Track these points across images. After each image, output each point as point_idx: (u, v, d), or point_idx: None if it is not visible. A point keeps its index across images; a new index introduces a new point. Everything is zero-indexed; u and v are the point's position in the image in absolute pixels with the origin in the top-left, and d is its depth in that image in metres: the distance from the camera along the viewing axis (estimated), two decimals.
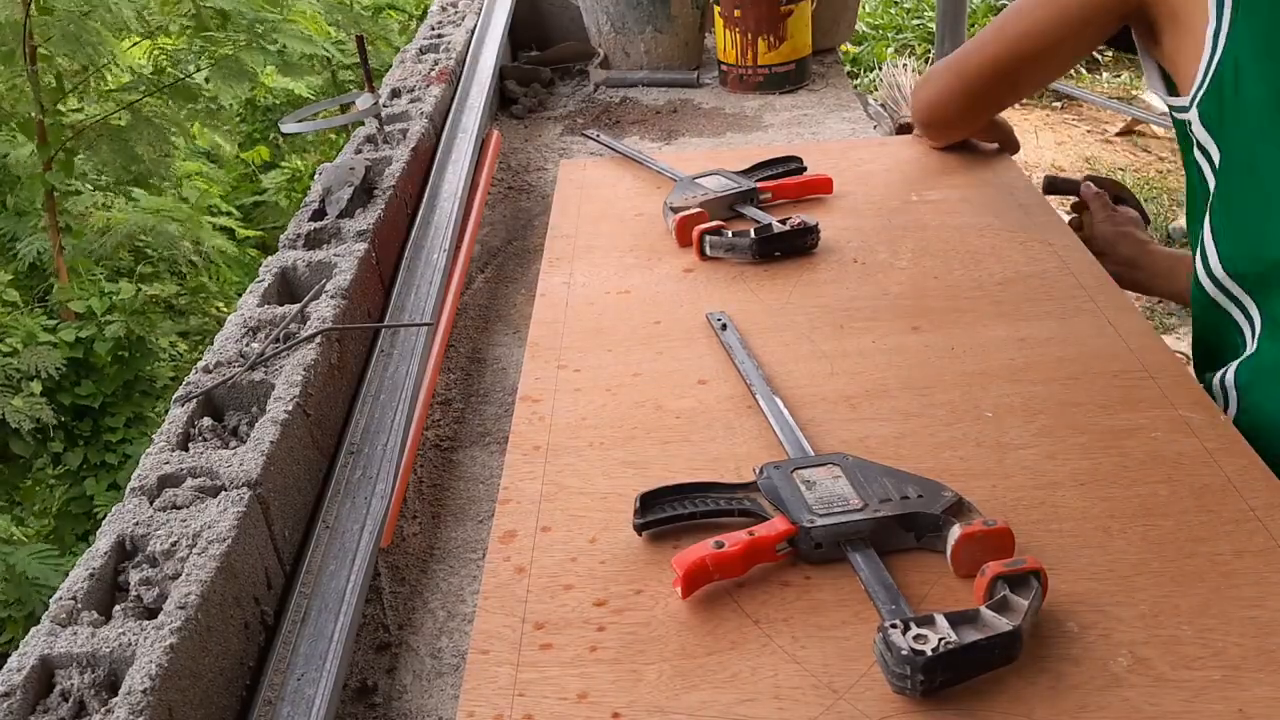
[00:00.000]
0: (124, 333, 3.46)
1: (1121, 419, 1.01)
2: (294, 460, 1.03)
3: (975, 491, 0.92)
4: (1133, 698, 0.74)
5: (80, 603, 0.83)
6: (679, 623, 0.83)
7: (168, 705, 0.76)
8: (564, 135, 2.15)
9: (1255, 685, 0.75)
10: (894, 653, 0.74)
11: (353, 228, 1.37)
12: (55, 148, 3.55)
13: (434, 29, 2.28)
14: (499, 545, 0.92)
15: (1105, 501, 0.92)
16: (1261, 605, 0.81)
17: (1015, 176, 1.51)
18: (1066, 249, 1.31)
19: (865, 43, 5.93)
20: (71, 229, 3.69)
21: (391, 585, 1.07)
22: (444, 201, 1.59)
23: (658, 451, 1.02)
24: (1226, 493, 0.91)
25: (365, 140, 1.68)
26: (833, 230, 1.38)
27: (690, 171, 1.52)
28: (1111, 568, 0.85)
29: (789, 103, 2.19)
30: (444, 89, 1.90)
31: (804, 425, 1.02)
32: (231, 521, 0.89)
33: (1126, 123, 5.12)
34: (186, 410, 1.05)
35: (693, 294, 1.28)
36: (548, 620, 0.84)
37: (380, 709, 0.94)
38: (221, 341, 1.17)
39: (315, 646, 0.90)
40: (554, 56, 2.50)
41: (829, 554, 0.87)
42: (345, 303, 1.22)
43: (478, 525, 1.14)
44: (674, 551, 0.86)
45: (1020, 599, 0.78)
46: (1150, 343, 1.12)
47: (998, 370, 1.09)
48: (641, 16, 2.30)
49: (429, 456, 1.24)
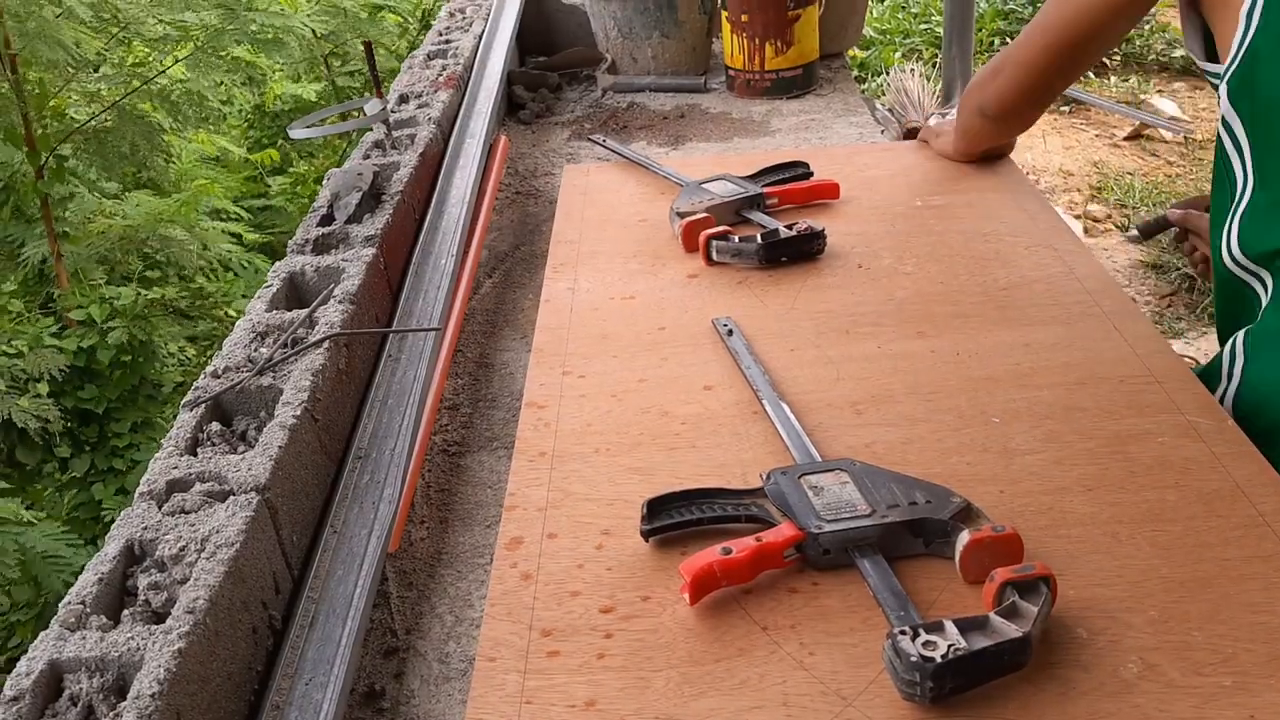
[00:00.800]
0: (125, 338, 3.46)
1: (1128, 424, 1.01)
2: (302, 465, 1.03)
3: (983, 497, 0.92)
4: (1143, 704, 0.74)
5: (89, 607, 0.84)
6: (687, 629, 0.83)
7: (176, 710, 0.76)
8: (571, 140, 2.16)
9: (1266, 691, 0.74)
10: (903, 659, 0.74)
11: (361, 233, 1.38)
12: (45, 155, 3.56)
13: (442, 34, 2.28)
14: (505, 552, 0.92)
15: (1113, 507, 0.91)
16: (1271, 610, 0.80)
17: (1020, 181, 1.51)
18: (1072, 254, 1.30)
19: (873, 48, 5.93)
20: (69, 235, 3.69)
21: (399, 590, 1.07)
22: (452, 207, 1.60)
23: (664, 457, 1.02)
24: (1235, 498, 0.91)
25: (373, 145, 1.68)
26: (838, 236, 1.38)
27: (696, 176, 1.53)
28: (1120, 573, 0.85)
29: (796, 108, 2.19)
30: (452, 94, 1.91)
31: (811, 431, 1.02)
32: (240, 526, 0.89)
33: (1135, 127, 5.11)
34: (195, 415, 1.06)
35: (698, 299, 1.28)
36: (555, 627, 0.84)
37: (388, 714, 0.94)
38: (230, 347, 1.17)
39: (323, 651, 0.90)
40: (561, 62, 2.51)
41: (837, 560, 0.87)
42: (353, 308, 1.22)
43: (485, 530, 1.14)
44: (681, 558, 0.86)
45: (1029, 605, 0.78)
46: (1157, 348, 1.12)
47: (1004, 375, 1.09)
48: (649, 22, 2.31)
49: (437, 461, 1.25)
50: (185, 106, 3.86)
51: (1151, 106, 5.38)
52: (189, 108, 3.88)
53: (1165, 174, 4.79)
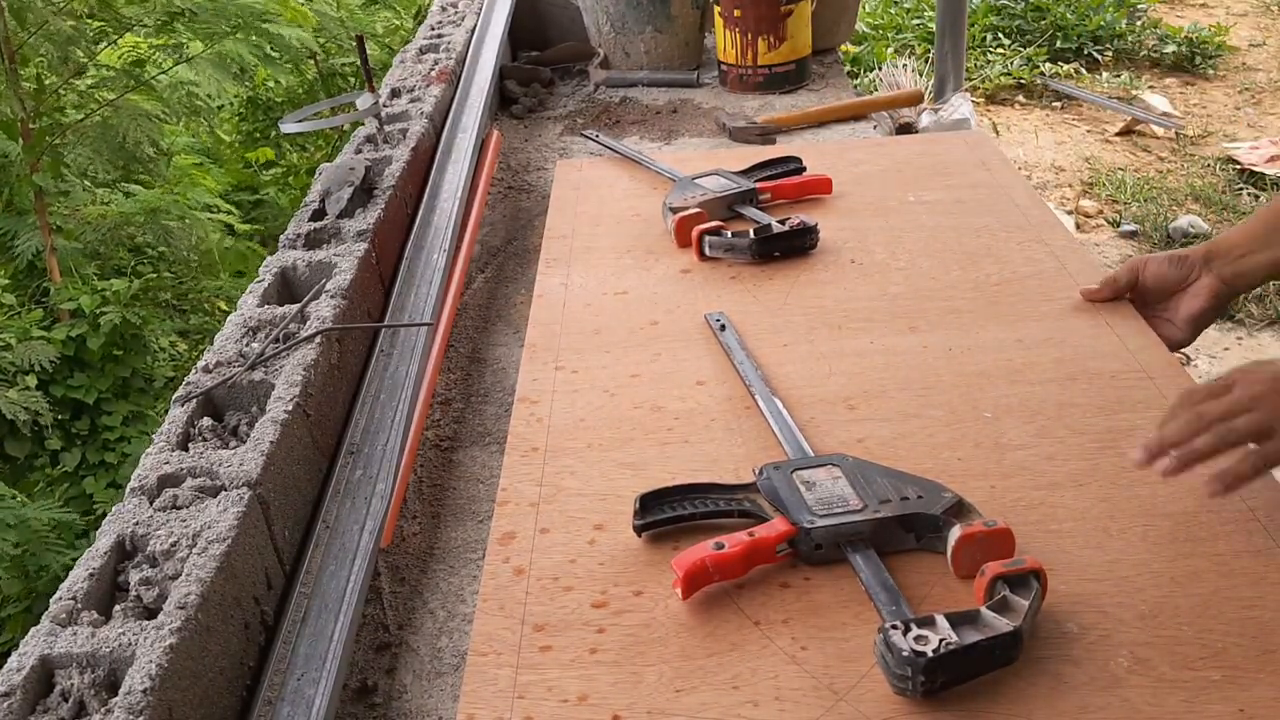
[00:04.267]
0: (118, 321, 3.44)
1: (1120, 419, 1.01)
2: (294, 460, 1.03)
3: (974, 492, 0.92)
4: (1133, 698, 0.74)
5: (80, 602, 0.83)
6: (679, 624, 0.83)
7: (168, 705, 0.76)
8: (564, 135, 2.15)
9: (1255, 685, 0.75)
10: (895, 654, 0.74)
11: (353, 228, 1.37)
12: (40, 148, 3.54)
13: (434, 29, 2.28)
14: (498, 547, 0.92)
15: (1104, 502, 0.92)
16: (1261, 605, 0.81)
17: (1012, 177, 1.51)
18: (1064, 249, 1.31)
19: (865, 43, 5.92)
20: (62, 229, 3.68)
21: (391, 585, 1.07)
22: (444, 201, 1.59)
23: (656, 453, 1.02)
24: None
25: (365, 140, 1.68)
26: (831, 231, 1.38)
27: (689, 172, 1.52)
28: (1111, 568, 0.85)
29: (789, 103, 2.18)
30: (444, 89, 1.90)
31: (803, 426, 1.02)
32: (231, 521, 0.89)
33: (1126, 122, 5.12)
34: (186, 410, 1.05)
35: (690, 295, 1.28)
36: (547, 622, 0.84)
37: (380, 709, 0.94)
38: (221, 341, 1.17)
39: (315, 646, 0.90)
40: (554, 56, 2.50)
41: (829, 555, 0.87)
42: (345, 303, 1.22)
43: (478, 525, 1.14)
44: (674, 553, 0.86)
45: (1020, 599, 0.78)
46: (1147, 343, 1.12)
47: (996, 371, 1.10)
48: (641, 16, 2.30)
49: (429, 456, 1.24)
50: (175, 102, 3.85)
51: (1143, 102, 5.39)
52: (179, 104, 3.87)
53: (1156, 169, 4.80)
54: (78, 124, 3.64)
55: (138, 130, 3.57)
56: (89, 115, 3.64)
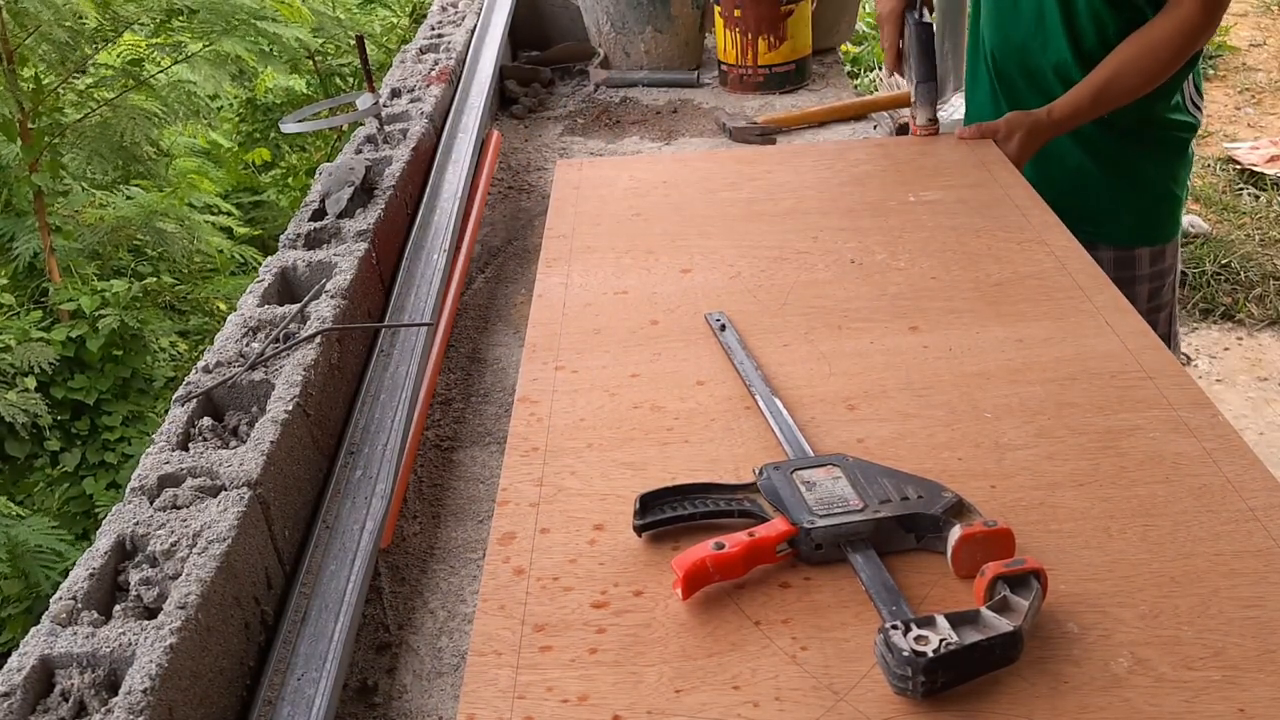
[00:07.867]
0: (117, 325, 3.44)
1: (1120, 419, 1.01)
2: (294, 460, 1.03)
3: (974, 492, 0.92)
4: (1133, 699, 0.74)
5: (80, 602, 0.83)
6: (679, 624, 0.83)
7: (168, 705, 0.76)
8: (564, 135, 2.15)
9: (1255, 685, 0.75)
10: (895, 654, 0.74)
11: (353, 228, 1.37)
12: (39, 149, 3.54)
13: (434, 29, 2.28)
14: (498, 547, 0.92)
15: (1104, 502, 0.92)
16: (1261, 605, 0.81)
17: (1012, 177, 1.51)
18: (1064, 249, 1.31)
19: (865, 43, 5.92)
20: (61, 229, 3.68)
21: (391, 585, 1.07)
22: (444, 201, 1.59)
23: (656, 453, 1.02)
24: (1225, 493, 0.91)
25: (365, 140, 1.68)
26: (830, 231, 1.38)
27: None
28: (1111, 568, 0.85)
29: (789, 103, 2.19)
30: (444, 89, 1.90)
31: (803, 426, 1.02)
32: (231, 521, 0.89)
33: None
34: (186, 410, 1.05)
35: (690, 294, 1.28)
36: (547, 622, 0.84)
37: (380, 709, 0.94)
38: (221, 341, 1.17)
39: (315, 646, 0.90)
40: (554, 56, 2.50)
41: (829, 555, 0.87)
42: (345, 303, 1.22)
43: (478, 525, 1.14)
44: (674, 553, 0.86)
45: (1021, 600, 0.78)
46: (1148, 343, 1.12)
47: (996, 371, 1.10)
48: (642, 16, 2.30)
49: (429, 456, 1.24)
50: (174, 101, 3.85)
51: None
52: (178, 103, 3.86)
53: None
54: (77, 124, 3.64)
55: (137, 130, 3.57)
56: (88, 115, 3.64)
